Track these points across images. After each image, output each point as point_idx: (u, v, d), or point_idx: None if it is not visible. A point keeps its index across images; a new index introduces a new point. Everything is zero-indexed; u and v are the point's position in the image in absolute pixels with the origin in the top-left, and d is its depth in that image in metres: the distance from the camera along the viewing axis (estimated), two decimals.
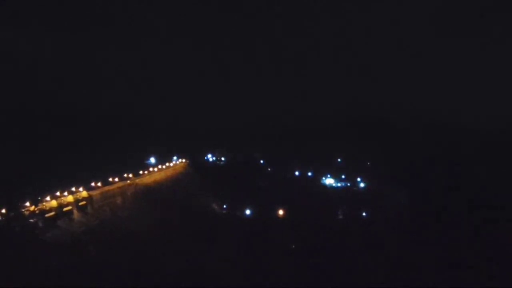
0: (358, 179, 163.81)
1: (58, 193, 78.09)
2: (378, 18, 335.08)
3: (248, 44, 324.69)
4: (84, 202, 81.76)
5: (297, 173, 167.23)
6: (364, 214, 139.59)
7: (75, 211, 78.21)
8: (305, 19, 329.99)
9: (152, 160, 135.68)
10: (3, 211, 66.16)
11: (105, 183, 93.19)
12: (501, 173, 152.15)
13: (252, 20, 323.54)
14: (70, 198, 78.88)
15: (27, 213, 69.40)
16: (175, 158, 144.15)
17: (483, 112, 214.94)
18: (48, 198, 74.85)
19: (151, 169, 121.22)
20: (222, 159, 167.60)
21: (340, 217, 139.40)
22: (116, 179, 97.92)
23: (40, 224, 69.24)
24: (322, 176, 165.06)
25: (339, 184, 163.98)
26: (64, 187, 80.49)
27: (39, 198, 73.73)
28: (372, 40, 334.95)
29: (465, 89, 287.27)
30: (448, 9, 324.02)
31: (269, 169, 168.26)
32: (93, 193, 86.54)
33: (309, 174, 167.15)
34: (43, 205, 73.04)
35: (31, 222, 68.69)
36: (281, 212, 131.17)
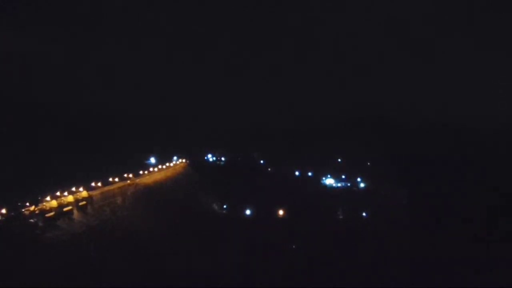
0: (358, 179, 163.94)
1: (58, 193, 78.09)
2: (378, 17, 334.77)
3: (248, 44, 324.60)
4: (84, 202, 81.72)
5: (297, 173, 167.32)
6: (364, 214, 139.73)
7: (75, 211, 78.18)
8: (305, 18, 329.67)
9: (152, 160, 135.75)
10: (3, 211, 66.11)
11: (105, 183, 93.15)
12: (502, 173, 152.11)
13: (252, 20, 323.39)
14: (70, 198, 78.85)
15: (27, 213, 69.36)
16: (175, 158, 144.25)
17: (483, 111, 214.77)
18: (48, 198, 74.81)
19: (151, 169, 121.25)
20: (222, 159, 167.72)
21: (340, 217, 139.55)
22: (116, 179, 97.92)
23: (40, 224, 69.18)
24: (322, 176, 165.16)
25: (339, 184, 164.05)
26: (64, 187, 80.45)
27: (39, 198, 73.68)
28: (372, 39, 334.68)
29: (465, 88, 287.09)
30: (450, 9, 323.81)
31: (269, 169, 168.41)
32: (93, 193, 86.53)
33: (309, 174, 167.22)
34: (43, 205, 72.99)
35: (31, 222, 68.64)
36: (281, 212, 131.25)
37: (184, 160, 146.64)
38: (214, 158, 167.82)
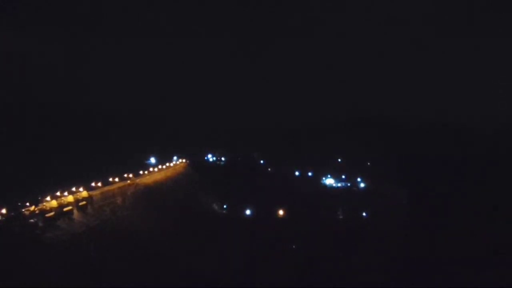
0: (358, 179, 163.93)
1: (58, 193, 78.04)
2: (378, 17, 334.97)
3: (249, 44, 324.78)
4: (84, 202, 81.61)
5: (297, 173, 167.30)
6: (364, 214, 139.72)
7: (75, 211, 78.08)
8: (305, 18, 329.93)
9: (152, 160, 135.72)
10: (3, 211, 66.05)
11: (105, 183, 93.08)
12: (502, 173, 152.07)
13: (252, 20, 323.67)
14: (70, 198, 78.77)
15: (27, 213, 69.31)
16: (175, 158, 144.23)
17: (483, 111, 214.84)
18: (48, 198, 74.75)
19: (151, 169, 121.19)
20: (222, 159, 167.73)
21: (340, 217, 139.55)
22: (116, 179, 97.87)
23: (40, 224, 69.12)
24: (322, 176, 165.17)
25: (339, 184, 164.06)
26: (64, 187, 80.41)
27: (39, 198, 73.60)
28: (372, 39, 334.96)
29: (465, 88, 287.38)
30: (450, 9, 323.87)
31: (269, 169, 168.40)
32: (93, 193, 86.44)
33: (309, 174, 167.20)
34: (43, 205, 72.91)
35: (31, 222, 68.59)
36: (281, 212, 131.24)
37: (184, 160, 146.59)
38: (214, 158, 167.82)
